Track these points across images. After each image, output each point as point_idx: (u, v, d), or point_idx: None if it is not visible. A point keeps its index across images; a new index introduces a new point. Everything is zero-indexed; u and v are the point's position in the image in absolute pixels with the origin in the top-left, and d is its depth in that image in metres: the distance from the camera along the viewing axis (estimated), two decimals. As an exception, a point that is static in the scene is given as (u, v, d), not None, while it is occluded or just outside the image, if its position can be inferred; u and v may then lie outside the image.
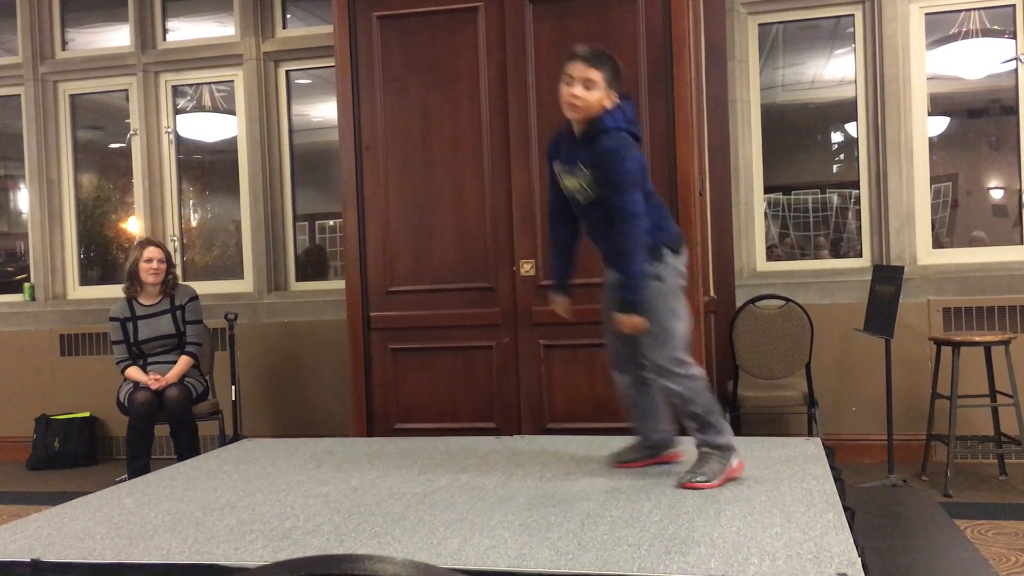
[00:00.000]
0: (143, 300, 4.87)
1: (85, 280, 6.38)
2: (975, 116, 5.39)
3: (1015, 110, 5.11)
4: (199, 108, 6.25)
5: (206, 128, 6.33)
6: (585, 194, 2.87)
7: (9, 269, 6.62)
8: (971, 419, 4.80)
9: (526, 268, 4.17)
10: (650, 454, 3.11)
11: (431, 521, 2.50)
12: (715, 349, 4.68)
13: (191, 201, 6.40)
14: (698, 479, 2.78)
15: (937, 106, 5.27)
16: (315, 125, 6.22)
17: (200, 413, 4.88)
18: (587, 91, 2.83)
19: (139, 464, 4.49)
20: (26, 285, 6.29)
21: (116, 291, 5.16)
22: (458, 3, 4.22)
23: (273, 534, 2.43)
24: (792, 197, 5.54)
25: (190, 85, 6.19)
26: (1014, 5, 5.07)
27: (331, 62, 4.55)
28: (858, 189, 5.30)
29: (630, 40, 4.05)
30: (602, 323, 3.06)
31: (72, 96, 6.35)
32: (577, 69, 2.85)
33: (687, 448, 3.01)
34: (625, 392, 3.09)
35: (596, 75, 2.82)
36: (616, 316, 2.86)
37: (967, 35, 5.20)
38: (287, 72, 6.02)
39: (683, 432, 2.99)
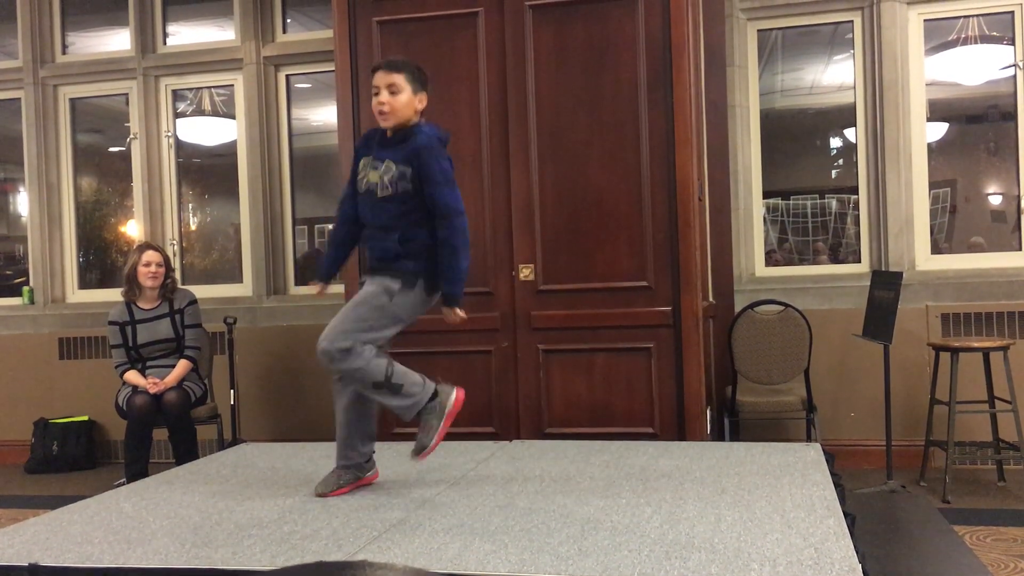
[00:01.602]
0: (142, 304, 4.86)
1: (84, 284, 6.38)
2: (974, 122, 5.40)
3: (1013, 116, 5.12)
4: (199, 112, 6.25)
5: (206, 132, 6.34)
6: (384, 188, 2.93)
7: (8, 273, 6.61)
8: (970, 425, 4.80)
9: (525, 273, 4.17)
10: (355, 477, 3.04)
11: (430, 526, 2.50)
12: (714, 354, 4.68)
13: (190, 205, 6.40)
14: (425, 441, 2.85)
15: (936, 112, 5.28)
16: (315, 129, 6.23)
17: (199, 417, 4.87)
18: (393, 96, 2.92)
19: (137, 468, 4.49)
20: (25, 289, 6.28)
21: (115, 295, 5.15)
22: (458, 8, 4.22)
23: (271, 539, 2.43)
24: (791, 202, 5.55)
25: (190, 89, 6.20)
26: (1013, 12, 5.09)
27: (331, 66, 4.55)
28: (857, 194, 5.30)
29: (630, 45, 4.06)
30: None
31: (72, 100, 6.35)
32: (379, 78, 2.95)
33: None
34: (343, 410, 3.06)
35: (398, 78, 2.92)
36: (445, 311, 2.93)
37: (966, 41, 5.21)
38: (287, 76, 6.03)
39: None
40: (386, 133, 3.00)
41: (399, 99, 2.92)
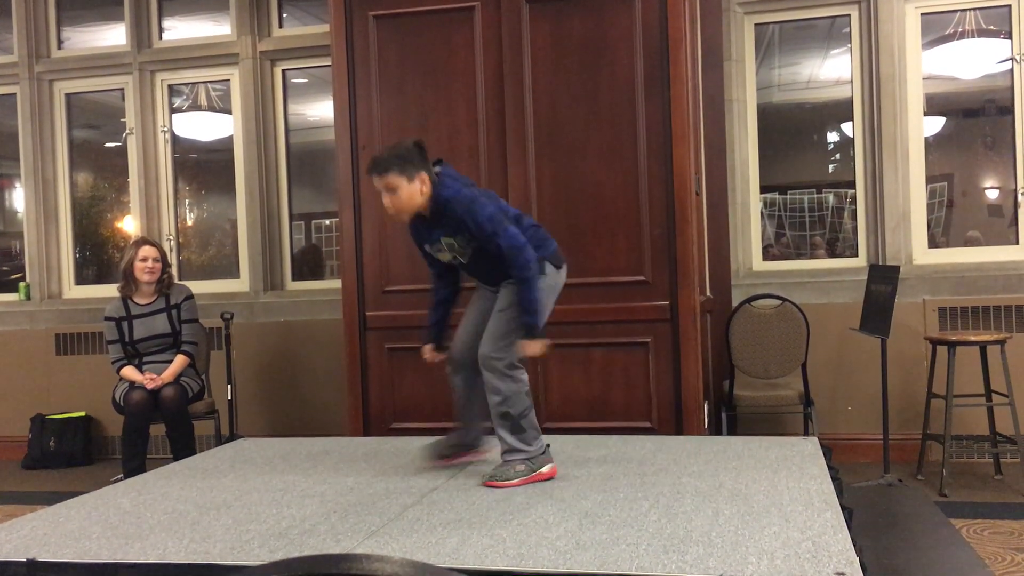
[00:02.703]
0: (138, 299, 4.86)
1: (81, 279, 6.37)
2: (971, 116, 5.40)
3: (1010, 110, 5.12)
4: (195, 107, 6.24)
5: (202, 127, 6.33)
6: (465, 255, 3.01)
7: (4, 268, 6.60)
8: (966, 418, 4.81)
9: (523, 267, 4.16)
10: (463, 450, 3.24)
11: (428, 520, 2.50)
12: (711, 349, 4.68)
13: (187, 200, 6.39)
14: (500, 479, 2.92)
15: (933, 106, 5.28)
16: (311, 124, 6.22)
17: (196, 412, 4.87)
18: (394, 195, 2.91)
19: (135, 464, 4.49)
20: (21, 284, 6.27)
21: (112, 290, 5.14)
22: (454, 3, 4.21)
23: (269, 533, 2.43)
24: (788, 197, 5.55)
25: (186, 84, 6.19)
26: (1009, 5, 5.08)
27: (327, 61, 4.54)
28: (854, 189, 5.31)
29: (626, 40, 4.06)
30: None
31: (68, 95, 6.34)
32: (375, 182, 2.95)
33: (493, 447, 3.15)
34: (460, 391, 3.18)
35: (390, 179, 2.90)
36: (522, 344, 2.95)
37: (963, 35, 5.21)
38: (283, 71, 6.02)
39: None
40: (423, 216, 3.00)
41: (400, 197, 2.91)
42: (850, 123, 5.34)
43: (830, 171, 5.71)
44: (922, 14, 5.18)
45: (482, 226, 2.90)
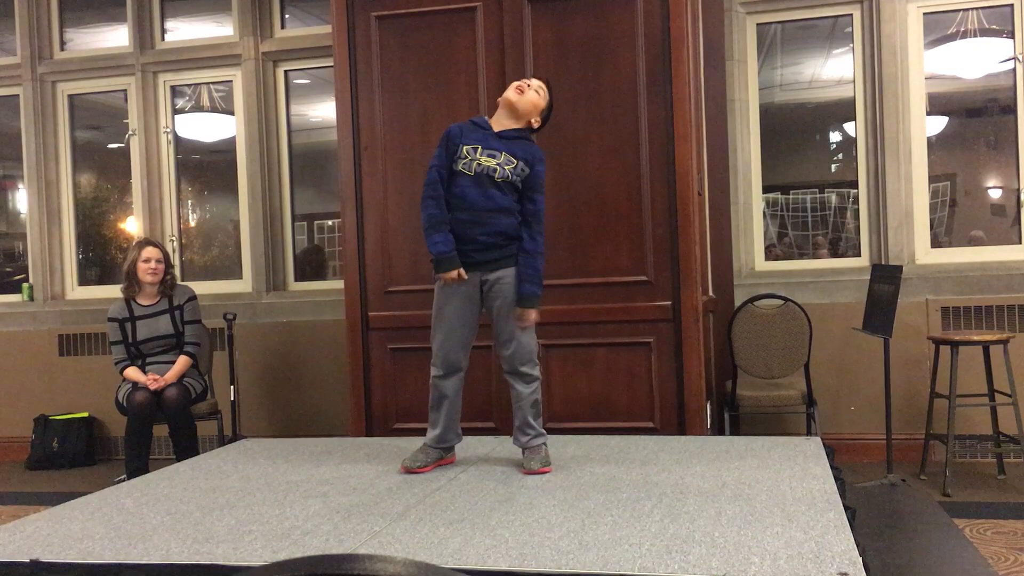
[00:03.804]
0: (141, 300, 4.86)
1: (84, 280, 6.38)
2: (973, 116, 5.40)
3: (1013, 110, 5.12)
4: (198, 108, 6.24)
5: (205, 128, 6.33)
6: (504, 175, 3.10)
7: (8, 269, 6.61)
8: (970, 418, 4.81)
9: (525, 268, 4.16)
10: (440, 456, 3.26)
11: (431, 521, 2.50)
12: (714, 348, 4.68)
13: (190, 201, 6.40)
14: (545, 463, 3.12)
15: (935, 106, 5.27)
16: (314, 125, 6.22)
17: (199, 413, 4.88)
18: (526, 94, 3.19)
19: (138, 464, 4.49)
20: (24, 285, 6.28)
21: (115, 291, 5.15)
22: (456, 3, 4.21)
23: (272, 534, 2.43)
24: (791, 196, 5.55)
25: (189, 85, 6.19)
26: (1012, 5, 5.08)
27: (330, 62, 4.55)
28: (856, 189, 5.30)
29: (628, 39, 4.06)
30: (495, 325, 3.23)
31: (70, 96, 6.34)
32: (535, 82, 3.23)
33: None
34: (450, 393, 3.20)
35: (545, 93, 3.24)
36: (521, 311, 3.12)
37: (965, 35, 5.21)
38: (286, 72, 6.02)
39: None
40: (487, 127, 3.17)
41: (529, 98, 3.17)
42: (852, 123, 5.34)
43: (832, 171, 5.71)
44: (924, 14, 5.18)
45: (543, 181, 3.18)
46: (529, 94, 3.16)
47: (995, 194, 5.37)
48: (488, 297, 3.16)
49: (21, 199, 6.50)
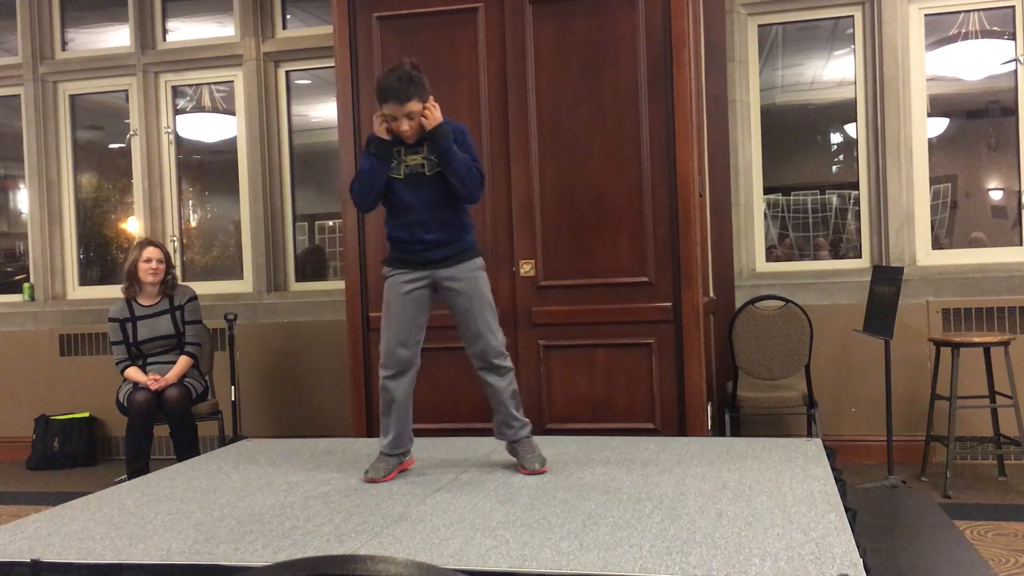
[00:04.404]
0: (142, 300, 4.86)
1: (85, 280, 6.38)
2: (974, 117, 5.40)
3: (1014, 111, 5.12)
4: (199, 108, 6.25)
5: (206, 128, 6.33)
6: (433, 166, 3.04)
7: (9, 269, 6.61)
8: (970, 420, 4.81)
9: (526, 268, 4.17)
10: (399, 462, 3.18)
11: (432, 521, 2.50)
12: (714, 350, 4.68)
13: (191, 201, 6.40)
14: (542, 462, 3.11)
15: (936, 107, 5.27)
16: (315, 125, 6.22)
17: (200, 413, 4.88)
18: (413, 121, 2.98)
19: (138, 464, 4.49)
20: (26, 285, 6.28)
21: (116, 291, 5.15)
22: (458, 4, 4.22)
23: (273, 534, 2.43)
24: (792, 198, 5.55)
25: (190, 85, 6.19)
26: (1013, 6, 5.08)
27: (331, 63, 4.55)
28: (857, 190, 5.30)
29: (630, 41, 4.06)
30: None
31: (72, 96, 6.35)
32: (392, 109, 2.98)
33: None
34: (399, 396, 3.13)
35: (411, 106, 2.96)
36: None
37: (966, 36, 5.21)
38: (287, 72, 6.02)
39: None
40: None
41: (416, 123, 3.00)
42: (853, 124, 5.34)
43: (833, 172, 5.71)
44: (926, 15, 5.18)
45: (469, 143, 3.10)
46: (413, 127, 2.99)
47: (996, 196, 5.37)
48: (447, 296, 3.11)
49: (22, 199, 6.51)
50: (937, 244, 5.24)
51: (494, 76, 4.19)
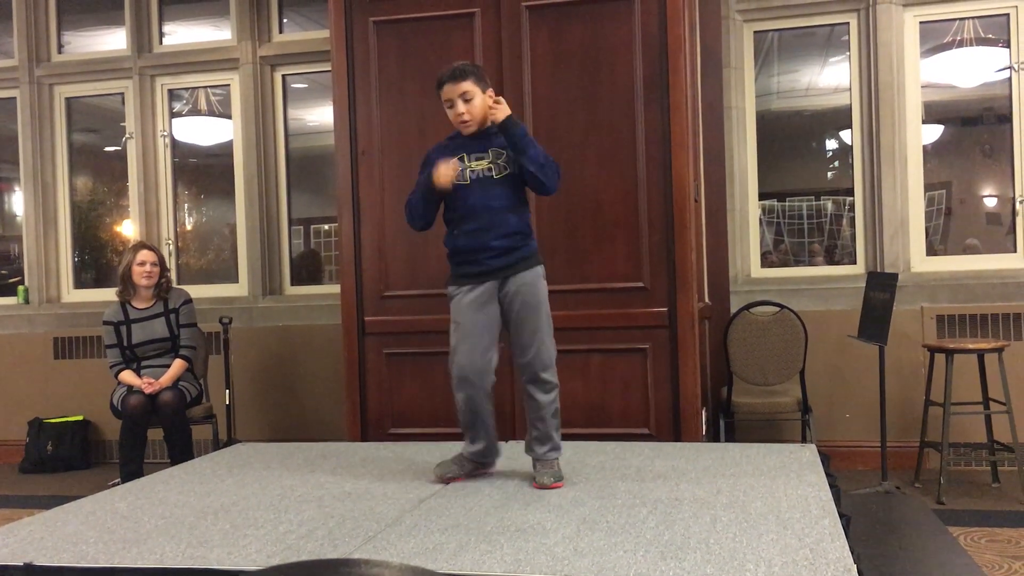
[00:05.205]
0: (136, 304, 4.86)
1: (79, 283, 6.37)
2: (969, 124, 5.42)
3: (1009, 118, 5.14)
4: (195, 112, 6.25)
5: (202, 132, 6.33)
6: (501, 169, 3.03)
7: (3, 272, 6.60)
8: (964, 426, 4.81)
9: (521, 273, 4.16)
10: (483, 467, 3.18)
11: (426, 526, 2.50)
12: (709, 355, 4.68)
13: (186, 205, 6.40)
14: (557, 478, 2.99)
15: (931, 114, 5.29)
16: (311, 129, 6.22)
17: (194, 417, 4.87)
18: (469, 104, 3.01)
19: (132, 468, 4.48)
20: (20, 288, 6.27)
21: (110, 295, 5.14)
22: (454, 9, 4.22)
23: (267, 538, 2.43)
24: (787, 204, 5.56)
25: (186, 89, 6.19)
26: (1008, 14, 5.10)
27: (327, 67, 4.55)
28: (852, 196, 5.32)
29: (626, 47, 4.06)
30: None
31: (68, 99, 6.34)
32: (449, 90, 3.02)
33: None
34: (482, 406, 3.06)
35: (468, 85, 3.00)
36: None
37: (961, 44, 5.23)
38: (283, 76, 6.03)
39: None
40: (461, 136, 3.09)
41: (475, 105, 3.01)
42: (849, 131, 5.35)
43: (828, 178, 5.72)
44: (921, 22, 5.20)
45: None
46: (471, 109, 3.01)
47: (990, 203, 5.38)
48: (507, 302, 3.05)
49: (17, 202, 6.50)
50: (932, 250, 5.25)
51: (490, 81, 4.19)
